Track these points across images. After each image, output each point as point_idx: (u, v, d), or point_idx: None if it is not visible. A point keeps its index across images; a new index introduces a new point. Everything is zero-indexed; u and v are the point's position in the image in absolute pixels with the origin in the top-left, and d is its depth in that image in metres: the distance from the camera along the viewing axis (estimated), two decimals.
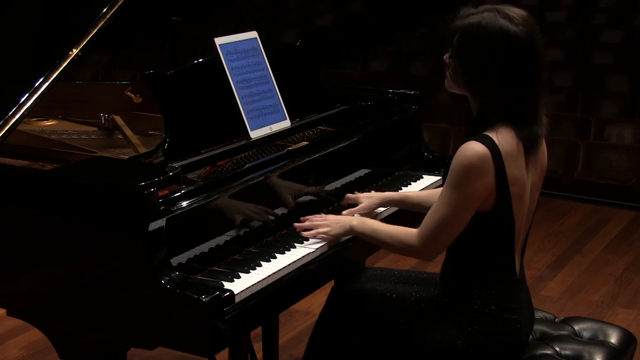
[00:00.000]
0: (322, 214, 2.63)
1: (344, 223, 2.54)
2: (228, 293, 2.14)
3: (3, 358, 3.82)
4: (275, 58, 2.89)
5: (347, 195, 2.82)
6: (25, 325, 2.50)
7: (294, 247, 2.48)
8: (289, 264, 2.38)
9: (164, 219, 2.16)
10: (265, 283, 2.28)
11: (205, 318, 2.06)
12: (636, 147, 6.64)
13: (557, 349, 2.50)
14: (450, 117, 7.08)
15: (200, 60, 2.71)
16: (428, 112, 4.71)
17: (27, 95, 2.56)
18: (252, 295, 2.23)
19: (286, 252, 2.45)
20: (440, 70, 2.53)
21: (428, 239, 2.34)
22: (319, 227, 2.54)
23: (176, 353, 2.58)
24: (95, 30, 2.67)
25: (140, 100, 3.28)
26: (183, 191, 2.28)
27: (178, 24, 3.44)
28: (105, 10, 2.69)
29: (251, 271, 2.31)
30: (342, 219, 2.56)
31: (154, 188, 2.13)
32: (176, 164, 2.40)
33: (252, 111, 2.73)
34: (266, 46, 2.86)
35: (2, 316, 2.47)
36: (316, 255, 2.49)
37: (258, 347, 3.27)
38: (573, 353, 2.49)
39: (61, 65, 2.61)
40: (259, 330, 3.26)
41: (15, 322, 3.49)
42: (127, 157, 2.65)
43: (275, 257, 2.40)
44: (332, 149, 2.84)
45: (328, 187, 2.83)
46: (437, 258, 2.47)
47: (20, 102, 2.55)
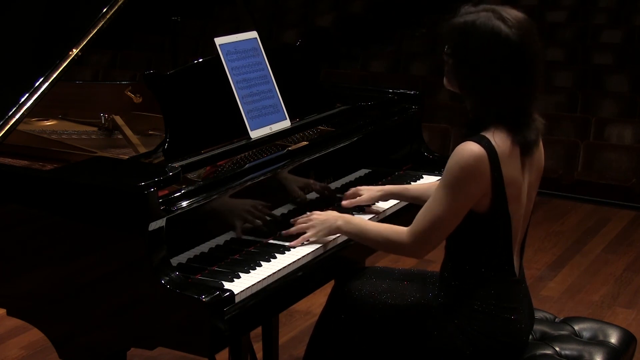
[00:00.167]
0: (308, 214, 2.60)
1: (330, 224, 2.52)
2: (228, 293, 2.14)
3: (3, 358, 3.82)
4: (275, 58, 2.89)
5: (348, 192, 2.82)
6: (25, 325, 2.50)
7: (294, 247, 2.48)
8: (289, 264, 2.38)
9: (164, 219, 2.16)
10: (265, 283, 2.28)
11: (205, 318, 2.06)
12: (636, 147, 6.64)
13: (557, 349, 2.50)
14: (450, 117, 7.08)
15: (200, 60, 2.71)
16: (428, 112, 4.71)
17: (27, 95, 2.56)
18: (252, 295, 2.23)
19: (286, 252, 2.45)
20: (440, 70, 2.53)
21: (419, 237, 2.34)
22: (306, 230, 2.53)
23: (176, 353, 2.58)
24: (95, 30, 2.67)
25: (140, 100, 3.28)
26: (183, 191, 2.28)
27: (178, 24, 3.44)
28: (105, 10, 2.69)
29: (251, 271, 2.31)
30: (328, 219, 2.53)
31: (154, 188, 2.13)
32: (176, 164, 2.40)
33: (252, 111, 2.73)
34: (266, 46, 2.86)
35: (2, 316, 2.47)
36: (316, 255, 2.49)
37: (258, 347, 3.27)
38: (573, 353, 2.49)
39: (61, 65, 2.61)
40: (259, 330, 3.25)
41: (15, 322, 3.49)
42: (127, 157, 2.65)
43: (275, 257, 2.40)
44: (332, 149, 2.84)
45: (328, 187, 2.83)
46: (438, 258, 2.48)
47: (20, 102, 2.55)
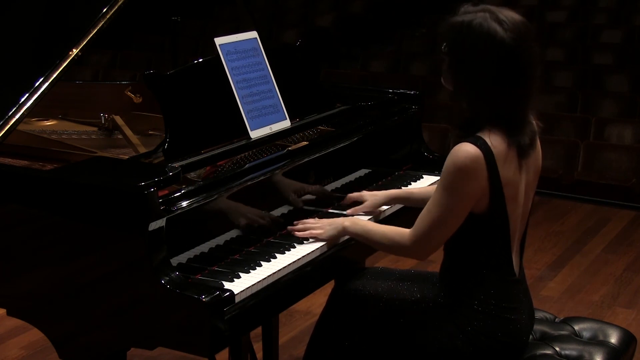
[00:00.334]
0: (316, 218, 2.63)
1: (337, 225, 2.54)
2: (228, 293, 2.14)
3: (3, 358, 3.82)
4: (275, 58, 2.89)
5: (350, 194, 2.82)
6: (25, 325, 2.50)
7: (294, 247, 2.48)
8: (289, 264, 2.38)
9: (164, 219, 2.16)
10: (265, 283, 2.28)
11: (205, 318, 2.06)
12: (636, 147, 6.64)
13: (557, 349, 2.50)
14: (450, 117, 7.08)
15: (200, 60, 2.71)
16: (428, 112, 4.71)
17: (27, 95, 2.56)
18: (252, 295, 2.23)
19: (286, 252, 2.45)
20: (440, 70, 2.52)
21: (421, 239, 2.34)
22: (312, 230, 2.54)
23: (176, 353, 2.58)
24: (95, 30, 2.67)
25: (140, 100, 3.28)
26: (183, 191, 2.28)
27: (178, 24, 3.44)
28: (105, 10, 2.69)
29: (251, 271, 2.31)
30: (335, 221, 2.56)
31: (154, 188, 2.13)
32: (176, 164, 2.40)
33: (252, 111, 2.73)
34: (266, 46, 2.86)
35: (2, 316, 2.47)
36: (316, 255, 2.49)
37: (258, 347, 3.27)
38: (573, 353, 2.49)
39: (61, 65, 2.61)
40: (259, 330, 3.25)
41: (15, 322, 3.49)
42: (127, 157, 2.65)
43: (275, 257, 2.40)
44: (332, 149, 2.84)
45: (328, 187, 2.83)
46: (437, 258, 2.48)
47: (20, 102, 2.55)
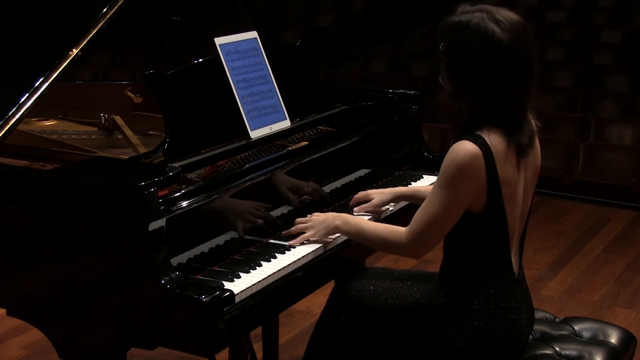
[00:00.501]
0: (308, 216, 2.62)
1: (328, 224, 2.53)
2: (228, 293, 2.14)
3: (3, 358, 3.82)
4: (275, 58, 2.89)
5: (357, 195, 2.82)
6: (25, 325, 2.50)
7: (294, 247, 2.48)
8: (289, 264, 2.38)
9: (164, 219, 2.16)
10: (265, 283, 2.28)
11: (205, 318, 2.06)
12: (636, 147, 6.64)
13: (557, 349, 2.50)
14: (450, 117, 7.07)
15: (200, 60, 2.71)
16: (428, 112, 4.71)
17: (27, 95, 2.56)
18: (252, 295, 2.23)
19: (286, 252, 2.45)
20: (438, 70, 2.54)
21: (417, 237, 2.34)
22: (305, 230, 2.53)
23: (176, 353, 2.58)
24: (95, 30, 2.67)
25: (140, 100, 3.28)
26: (183, 191, 2.28)
27: (178, 24, 3.44)
28: (105, 10, 2.69)
29: (251, 271, 2.31)
30: (327, 219, 2.54)
31: (154, 188, 2.13)
32: (176, 164, 2.40)
33: (252, 111, 2.73)
34: (266, 46, 2.86)
35: (2, 316, 2.47)
36: (316, 255, 2.49)
37: (258, 347, 3.27)
38: (573, 353, 2.49)
39: (61, 65, 2.61)
40: (259, 330, 3.25)
41: (15, 322, 3.49)
42: (127, 157, 2.65)
43: (275, 257, 2.40)
44: (332, 149, 2.84)
45: (328, 187, 2.83)
46: (437, 258, 2.48)
47: (20, 102, 2.55)
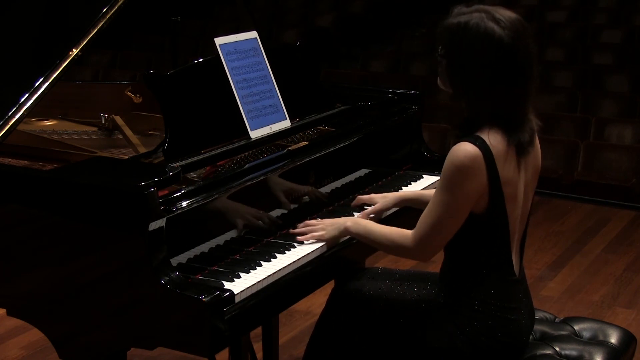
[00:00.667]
0: (318, 219, 2.63)
1: (339, 225, 2.54)
2: (228, 293, 2.14)
3: (3, 358, 3.82)
4: (275, 58, 2.89)
5: (360, 196, 2.82)
6: (25, 325, 2.50)
7: (294, 247, 2.48)
8: (289, 264, 2.38)
9: (164, 219, 2.16)
10: (265, 283, 2.28)
11: (205, 318, 2.06)
12: (636, 147, 6.64)
13: (557, 349, 2.50)
14: (450, 117, 7.08)
15: (200, 60, 2.71)
16: (428, 112, 4.71)
17: (27, 95, 2.56)
18: (252, 295, 2.23)
19: (286, 252, 2.45)
20: (437, 72, 2.54)
21: (422, 241, 2.34)
22: (314, 231, 2.54)
23: (176, 353, 2.58)
24: (95, 30, 2.67)
25: (140, 100, 3.28)
26: (183, 191, 2.28)
27: (178, 24, 3.44)
28: (105, 10, 2.69)
29: (251, 271, 2.31)
30: (337, 221, 2.56)
31: (154, 188, 2.13)
32: (176, 164, 2.40)
33: (252, 111, 2.73)
34: (266, 46, 2.86)
35: (2, 316, 2.47)
36: (316, 255, 2.49)
37: (258, 347, 3.27)
38: (573, 353, 2.49)
39: (61, 65, 2.61)
40: (259, 330, 3.25)
41: (15, 322, 3.49)
42: (127, 157, 2.65)
43: (275, 257, 2.40)
44: (332, 149, 2.84)
45: (328, 187, 2.83)
46: (437, 258, 2.48)
47: (20, 102, 2.55)
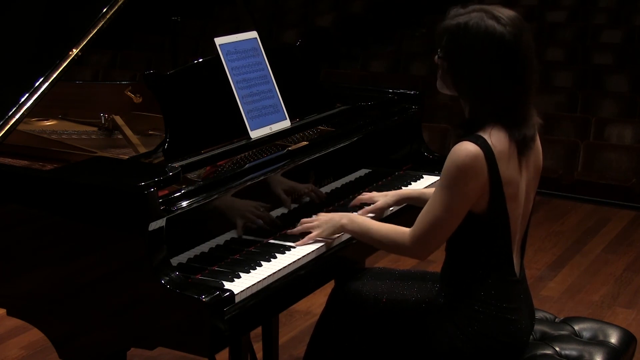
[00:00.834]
0: (314, 216, 2.63)
1: (335, 222, 2.53)
2: (228, 293, 2.14)
3: (3, 358, 3.82)
4: (275, 58, 2.89)
5: (360, 196, 2.82)
6: (25, 325, 2.50)
7: (294, 247, 2.48)
8: (289, 264, 2.38)
9: (164, 219, 2.16)
10: (265, 283, 2.28)
11: (205, 318, 2.06)
12: (636, 147, 6.64)
13: (557, 349, 2.50)
14: (450, 117, 7.08)
15: (200, 60, 2.71)
16: (428, 112, 4.71)
17: (27, 95, 2.56)
18: (252, 295, 2.23)
19: (286, 252, 2.45)
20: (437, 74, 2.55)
21: (420, 239, 2.34)
22: (311, 230, 2.54)
23: (176, 353, 2.58)
24: (95, 30, 2.67)
25: (140, 100, 3.28)
26: (183, 191, 2.28)
27: (178, 24, 3.44)
28: (105, 10, 2.69)
29: (251, 271, 2.31)
30: (333, 218, 2.55)
31: (154, 188, 2.13)
32: (176, 164, 2.40)
33: (252, 111, 2.73)
34: (266, 46, 2.86)
35: (2, 316, 2.47)
36: (316, 255, 2.49)
37: (258, 347, 3.27)
38: (573, 353, 2.49)
39: (61, 65, 2.61)
40: (259, 330, 3.25)
41: (15, 322, 3.49)
42: (127, 157, 2.65)
43: (275, 257, 2.40)
44: (332, 149, 2.84)
45: (328, 187, 2.83)
46: (437, 258, 2.48)
47: (20, 102, 2.55)
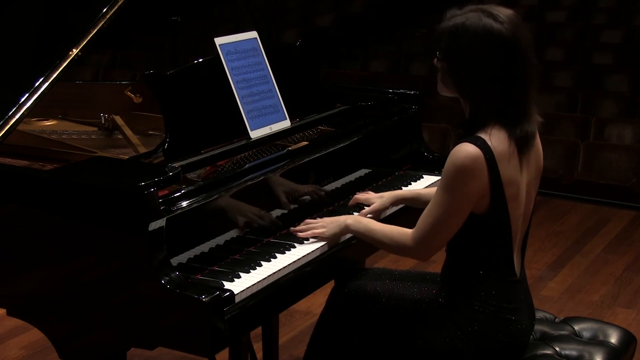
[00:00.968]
0: (317, 217, 2.63)
1: (340, 222, 2.54)
2: (228, 293, 2.14)
3: (3, 358, 3.82)
4: (275, 58, 2.89)
5: (357, 196, 2.82)
6: (25, 325, 2.50)
7: (294, 247, 2.48)
8: (289, 264, 2.38)
9: (164, 219, 2.16)
10: (265, 283, 2.28)
11: (205, 318, 2.06)
12: (636, 147, 6.64)
13: (557, 349, 2.50)
14: (450, 117, 7.08)
15: (200, 60, 2.72)
16: (428, 112, 4.71)
17: (27, 95, 2.56)
18: (252, 295, 2.23)
19: (286, 252, 2.45)
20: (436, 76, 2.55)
21: (422, 240, 2.34)
22: (314, 229, 2.54)
23: (176, 353, 2.58)
24: (95, 30, 2.67)
25: (140, 100, 3.28)
26: (183, 191, 2.28)
27: (178, 24, 3.44)
28: (105, 10, 2.69)
29: (251, 271, 2.31)
30: (337, 219, 2.56)
31: (154, 188, 2.13)
32: (176, 164, 2.40)
33: (252, 111, 2.73)
34: (266, 46, 2.86)
35: (2, 316, 2.47)
36: (316, 255, 2.49)
37: (258, 347, 3.27)
38: (573, 353, 2.49)
39: (61, 65, 2.61)
40: (259, 330, 3.25)
41: (15, 322, 3.49)
42: (127, 157, 2.65)
43: (275, 257, 2.40)
44: (332, 149, 2.84)
45: (328, 187, 2.83)
46: (438, 258, 2.48)
47: (20, 102, 2.55)
